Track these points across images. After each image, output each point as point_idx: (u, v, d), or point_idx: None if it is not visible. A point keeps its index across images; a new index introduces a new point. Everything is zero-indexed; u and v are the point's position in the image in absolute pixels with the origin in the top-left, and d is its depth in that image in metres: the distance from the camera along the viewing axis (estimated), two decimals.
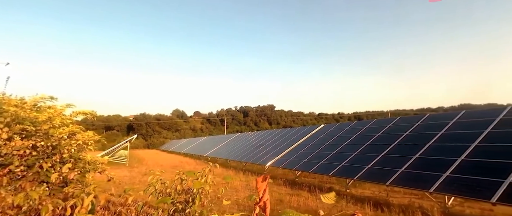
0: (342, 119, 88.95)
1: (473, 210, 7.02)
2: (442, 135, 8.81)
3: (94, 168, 3.55)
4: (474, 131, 8.09)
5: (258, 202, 1.08)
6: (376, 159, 9.32)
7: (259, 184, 1.08)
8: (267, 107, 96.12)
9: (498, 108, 8.90)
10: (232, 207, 7.58)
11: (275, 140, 18.44)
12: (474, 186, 6.08)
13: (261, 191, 1.08)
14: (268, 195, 1.08)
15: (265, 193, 1.08)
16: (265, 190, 1.09)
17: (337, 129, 14.76)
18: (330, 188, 10.10)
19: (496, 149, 6.96)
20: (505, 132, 7.43)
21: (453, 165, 7.05)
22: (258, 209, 1.05)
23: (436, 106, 78.68)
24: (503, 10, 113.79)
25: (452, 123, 9.16)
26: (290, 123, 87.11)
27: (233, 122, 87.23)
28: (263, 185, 1.08)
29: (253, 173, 14.77)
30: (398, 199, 8.48)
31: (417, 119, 10.88)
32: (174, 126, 78.57)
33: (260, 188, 1.07)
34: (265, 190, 1.09)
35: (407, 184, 7.46)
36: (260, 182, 1.09)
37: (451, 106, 75.61)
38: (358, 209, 7.25)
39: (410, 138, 9.72)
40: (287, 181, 11.87)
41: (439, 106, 77.96)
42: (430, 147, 8.48)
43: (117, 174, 15.67)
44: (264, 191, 1.08)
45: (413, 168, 7.86)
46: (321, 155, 12.00)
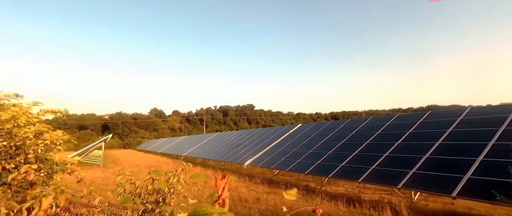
0: (320, 118, 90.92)
1: (436, 204, 7.49)
2: (410, 134, 9.31)
3: (62, 169, 3.45)
4: (438, 130, 8.62)
5: (217, 200, 1.13)
6: (349, 157, 9.68)
7: (218, 182, 1.14)
8: (247, 107, 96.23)
9: (460, 108, 9.53)
10: None
11: (253, 139, 18.56)
12: (437, 182, 6.49)
13: (220, 189, 1.13)
14: (227, 192, 1.14)
15: (224, 190, 1.14)
16: (224, 187, 1.15)
17: (314, 128, 15.13)
18: (306, 186, 10.35)
19: (457, 146, 7.47)
20: (465, 131, 7.99)
21: (419, 162, 7.49)
22: (217, 206, 1.10)
23: (406, 107, 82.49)
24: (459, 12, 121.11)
25: (419, 123, 9.70)
26: (269, 122, 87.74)
27: (212, 121, 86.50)
28: (222, 183, 1.14)
29: (231, 172, 14.78)
30: (369, 195, 8.86)
31: (388, 119, 11.41)
32: (152, 125, 76.63)
33: (219, 185, 1.13)
34: (224, 188, 1.15)
35: (378, 180, 7.81)
36: (220, 180, 1.15)
37: (420, 107, 79.60)
38: (332, 206, 7.51)
39: (381, 137, 10.18)
40: (265, 179, 12.01)
41: (409, 107, 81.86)
42: (399, 146, 8.94)
43: (90, 174, 15.11)
44: (223, 189, 1.14)
45: (383, 165, 8.26)
46: (298, 153, 12.26)
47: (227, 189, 1.16)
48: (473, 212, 6.71)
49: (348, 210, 7.05)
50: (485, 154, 6.58)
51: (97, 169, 18.13)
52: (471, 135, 7.67)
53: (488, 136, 7.16)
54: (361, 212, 6.87)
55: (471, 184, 5.88)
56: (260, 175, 13.48)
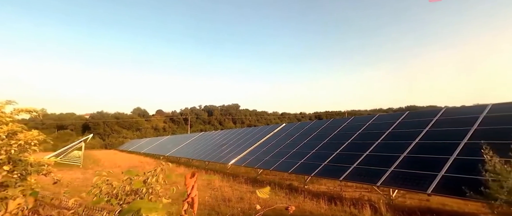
0: (304, 118, 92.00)
1: (413, 201, 7.79)
2: (389, 133, 9.61)
3: (37, 170, 3.34)
4: (415, 130, 8.96)
5: (186, 198, 1.15)
6: (331, 156, 9.88)
7: (187, 180, 1.16)
8: (232, 106, 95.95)
9: (436, 109, 9.94)
10: None
11: (238, 139, 18.56)
12: (414, 179, 6.75)
13: (190, 188, 1.15)
14: (196, 191, 1.16)
15: (193, 189, 1.16)
16: (193, 186, 1.16)
17: (297, 128, 15.32)
18: (290, 185, 10.47)
19: (432, 145, 7.79)
20: (441, 130, 8.35)
21: (397, 161, 7.76)
22: (186, 205, 1.12)
23: (386, 107, 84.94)
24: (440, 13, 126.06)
25: (398, 123, 10.04)
26: (254, 122, 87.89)
27: (197, 120, 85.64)
28: (191, 182, 1.16)
29: (215, 172, 14.74)
30: (350, 193, 9.08)
31: (368, 119, 11.73)
32: (134, 125, 74.96)
33: (188, 184, 1.15)
34: (194, 187, 1.17)
35: (358, 179, 8.02)
36: (189, 179, 1.17)
37: (399, 107, 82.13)
38: (314, 204, 7.64)
39: (362, 136, 10.46)
40: (249, 179, 12.05)
41: (389, 107, 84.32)
42: (378, 145, 9.21)
43: (69, 176, 14.63)
44: (193, 188, 1.16)
45: (364, 164, 8.49)
46: (281, 153, 12.38)
47: (196, 187, 1.18)
48: (447, 208, 7.02)
49: (329, 208, 7.21)
50: (458, 152, 6.90)
51: (77, 170, 17.57)
52: (446, 134, 8.02)
53: (461, 135, 7.52)
54: (342, 209, 7.04)
55: (445, 181, 6.16)
56: (244, 174, 13.51)
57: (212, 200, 8.32)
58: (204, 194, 9.23)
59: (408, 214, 6.19)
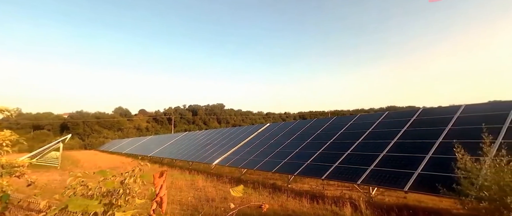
0: (288, 118, 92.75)
1: (391, 198, 8.06)
2: (370, 133, 9.89)
3: (9, 172, 3.21)
4: (394, 129, 9.26)
5: (155, 198, 1.15)
6: (314, 155, 10.04)
7: (156, 180, 1.16)
8: (217, 106, 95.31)
9: (414, 109, 10.32)
10: (174, 208, 7.45)
11: (222, 139, 18.49)
12: (392, 177, 6.97)
13: (158, 187, 1.16)
14: (165, 190, 1.17)
15: (162, 188, 1.16)
16: (162, 185, 1.17)
17: (282, 127, 15.45)
18: (273, 184, 10.56)
19: (410, 144, 8.09)
20: (417, 130, 8.68)
21: (377, 159, 7.99)
22: (155, 204, 1.12)
23: (368, 107, 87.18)
24: None
25: (378, 122, 10.34)
26: (239, 122, 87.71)
27: (181, 120, 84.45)
28: (160, 181, 1.17)
29: (199, 172, 14.62)
30: (332, 191, 9.27)
31: (350, 118, 12.01)
32: (116, 125, 72.95)
33: (157, 184, 1.16)
34: (162, 186, 1.17)
35: (340, 177, 8.19)
36: (157, 178, 1.17)
37: (380, 108, 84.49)
38: (297, 202, 7.74)
39: (344, 135, 10.69)
40: (233, 178, 12.05)
41: (371, 107, 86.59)
42: (359, 144, 9.45)
43: (46, 178, 14.09)
44: (161, 187, 1.16)
45: (345, 162, 8.68)
46: (265, 152, 12.45)
47: (165, 187, 1.18)
48: (422, 204, 7.31)
49: (311, 206, 7.33)
50: (433, 151, 7.20)
51: (54, 171, 16.93)
52: (422, 134, 8.33)
53: (437, 134, 7.84)
54: (324, 207, 7.18)
55: (420, 178, 6.41)
56: (228, 174, 13.48)
57: (196, 201, 8.26)
58: (187, 195, 9.14)
59: (387, 211, 6.39)
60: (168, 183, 11.42)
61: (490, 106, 8.19)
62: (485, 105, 8.48)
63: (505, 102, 7.96)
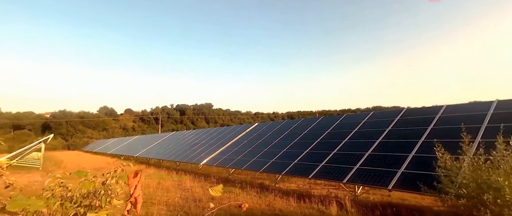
0: (277, 118, 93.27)
1: (376, 196, 8.23)
2: (356, 132, 10.06)
3: None
4: (379, 129, 9.46)
5: (129, 198, 1.14)
6: (302, 155, 10.13)
7: (130, 180, 1.14)
8: (205, 106, 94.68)
9: (398, 109, 10.57)
10: (160, 209, 7.36)
11: (210, 139, 18.38)
12: (376, 176, 7.12)
13: (132, 187, 1.14)
14: (140, 191, 1.15)
15: (136, 189, 1.14)
16: (136, 186, 1.15)
17: (270, 127, 15.50)
18: (261, 184, 10.58)
19: (394, 143, 8.28)
20: (401, 129, 8.90)
21: (362, 159, 8.14)
22: (129, 205, 1.10)
23: (355, 107, 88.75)
24: None
25: (363, 122, 10.54)
26: (227, 122, 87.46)
27: (169, 120, 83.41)
28: (134, 181, 1.15)
29: (186, 172, 14.47)
30: (319, 190, 9.38)
31: (337, 118, 12.19)
32: (101, 125, 71.33)
33: (131, 184, 1.14)
34: (137, 186, 1.15)
35: (326, 176, 8.29)
36: (132, 178, 1.15)
37: (366, 108, 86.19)
38: (284, 202, 7.79)
39: (330, 135, 10.84)
40: (221, 178, 12.00)
41: (357, 107, 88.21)
42: (346, 143, 9.60)
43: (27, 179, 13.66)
44: (136, 187, 1.15)
45: (332, 162, 8.80)
46: (253, 152, 12.46)
47: (140, 187, 1.17)
48: (406, 202, 7.50)
49: (298, 205, 7.39)
50: (416, 150, 7.40)
51: (36, 173, 16.37)
52: (406, 133, 8.55)
53: (419, 134, 8.06)
54: (310, 206, 7.25)
55: (404, 177, 6.58)
56: (216, 174, 13.42)
57: (183, 201, 8.18)
58: (174, 195, 9.04)
59: (371, 209, 6.52)
60: (155, 184, 11.28)
61: (470, 107, 8.49)
62: (466, 105, 8.78)
63: (484, 103, 8.27)
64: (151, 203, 8.05)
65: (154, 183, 11.13)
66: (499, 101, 8.00)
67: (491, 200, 3.54)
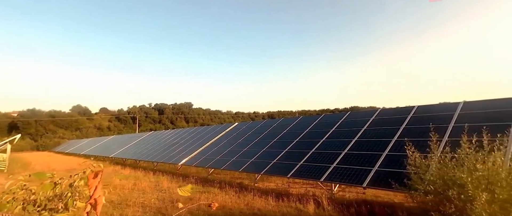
0: (257, 117, 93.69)
1: (351, 194, 8.48)
2: (333, 132, 10.30)
3: None
4: (355, 128, 9.75)
5: (89, 200, 1.10)
6: (281, 154, 10.23)
7: (90, 181, 1.10)
8: (185, 105, 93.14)
9: (374, 109, 10.95)
10: (136, 211, 7.16)
11: (190, 138, 18.12)
12: (352, 174, 7.33)
13: (92, 188, 1.10)
14: (100, 192, 1.11)
15: (96, 190, 1.11)
16: (97, 187, 1.12)
17: (250, 127, 15.52)
18: (240, 183, 10.57)
19: (369, 142, 8.56)
20: (376, 129, 9.21)
21: (339, 157, 8.35)
22: (89, 206, 1.06)
23: (333, 107, 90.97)
24: None
25: (340, 122, 10.82)
26: (208, 121, 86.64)
27: (146, 119, 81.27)
28: (94, 182, 1.11)
29: (164, 173, 14.17)
30: (297, 189, 9.51)
31: (316, 118, 12.42)
32: (74, 124, 68.31)
33: (91, 185, 1.10)
34: (97, 187, 1.12)
35: (305, 175, 8.42)
36: (91, 179, 1.12)
37: (344, 108, 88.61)
38: (263, 201, 7.82)
39: (309, 134, 11.02)
40: (200, 179, 11.86)
41: (336, 107, 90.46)
42: (324, 142, 9.81)
43: None
44: (96, 188, 1.11)
45: (310, 161, 8.95)
46: (233, 152, 12.42)
47: (100, 188, 1.13)
48: (379, 199, 7.79)
49: (277, 204, 7.46)
50: (389, 148, 7.70)
51: (0, 175, 15.36)
52: (380, 133, 8.87)
53: (393, 133, 8.39)
54: (289, 205, 7.34)
55: (377, 175, 6.81)
56: (195, 174, 13.25)
57: (159, 202, 8.00)
58: (151, 197, 8.82)
59: (346, 207, 6.70)
60: (130, 185, 10.94)
61: (439, 107, 8.95)
62: (435, 106, 9.24)
63: (452, 104, 8.74)
64: (126, 204, 7.81)
65: (129, 184, 10.81)
66: (465, 103, 8.49)
67: (455, 195, 3.75)
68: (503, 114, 7.20)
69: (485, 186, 3.66)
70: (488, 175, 3.68)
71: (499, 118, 7.07)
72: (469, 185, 3.63)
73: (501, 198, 3.50)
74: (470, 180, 3.68)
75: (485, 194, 3.53)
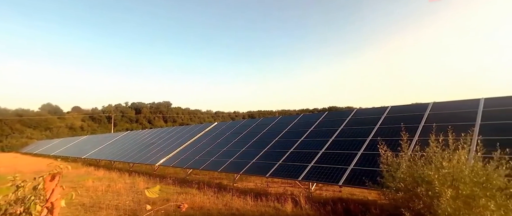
0: (238, 117, 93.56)
1: (328, 192, 8.68)
2: (312, 131, 10.49)
3: None
4: (333, 128, 9.98)
5: (45, 203, 1.05)
6: (260, 154, 10.26)
7: (47, 184, 1.06)
8: (163, 104, 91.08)
9: (350, 109, 11.26)
10: (109, 213, 6.91)
11: (168, 138, 17.75)
12: (329, 173, 7.50)
13: (49, 192, 1.05)
14: (58, 195, 1.07)
15: (53, 193, 1.06)
16: (53, 190, 1.07)
17: (229, 126, 15.45)
18: (219, 183, 10.50)
19: (345, 142, 8.79)
20: (352, 128, 9.48)
21: (317, 156, 8.51)
22: (45, 210, 1.02)
23: (312, 107, 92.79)
24: None
25: (319, 122, 11.03)
26: (187, 121, 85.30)
27: (122, 119, 78.63)
28: (51, 185, 1.06)
29: (140, 174, 13.78)
30: (275, 188, 9.59)
31: (295, 118, 12.59)
32: (43, 124, 64.78)
33: (48, 188, 1.05)
34: (54, 190, 1.07)
35: (283, 175, 8.50)
36: (48, 182, 1.07)
37: (323, 108, 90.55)
38: (241, 201, 7.81)
39: (288, 134, 11.15)
40: (177, 179, 11.65)
41: (315, 107, 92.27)
42: (302, 142, 9.95)
43: None
44: (53, 191, 1.06)
45: (288, 160, 9.06)
46: (212, 152, 12.31)
47: (58, 191, 1.08)
48: (354, 197, 8.03)
49: (255, 204, 7.48)
50: (364, 148, 7.95)
51: None
52: (356, 132, 9.14)
53: (367, 133, 8.68)
54: (267, 204, 7.38)
55: (353, 173, 7.02)
56: (172, 175, 13.00)
57: (134, 204, 7.78)
58: (126, 199, 8.56)
59: (323, 205, 6.85)
60: (104, 187, 10.53)
61: (411, 108, 9.37)
62: (408, 106, 9.66)
63: (422, 105, 9.18)
64: (99, 207, 7.52)
65: (103, 186, 10.41)
66: (435, 103, 8.95)
67: (423, 192, 3.94)
68: (468, 114, 7.66)
69: (450, 182, 3.87)
70: (453, 172, 3.90)
71: (464, 118, 7.53)
72: (436, 182, 3.82)
73: (464, 193, 3.72)
74: (437, 177, 3.87)
75: (450, 190, 3.73)
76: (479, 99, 8.07)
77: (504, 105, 7.44)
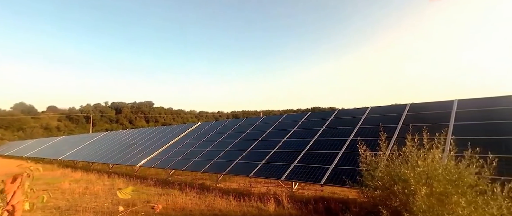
0: (222, 117, 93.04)
1: (310, 192, 8.80)
2: (294, 132, 10.59)
3: None
4: (315, 128, 10.12)
5: (5, 206, 1.01)
6: (243, 154, 10.25)
7: (7, 186, 1.01)
8: (145, 104, 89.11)
9: (332, 110, 11.48)
10: None
11: (150, 139, 17.37)
12: (311, 173, 7.60)
13: (10, 194, 1.01)
14: (20, 197, 1.03)
15: (14, 196, 1.02)
16: (15, 192, 1.03)
17: (213, 126, 15.34)
18: (202, 184, 10.40)
19: (327, 142, 8.95)
20: (334, 128, 9.67)
21: (299, 156, 8.61)
22: (6, 214, 0.98)
23: (296, 108, 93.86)
24: None
25: (302, 122, 11.16)
26: (170, 121, 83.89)
27: (102, 119, 76.24)
28: (12, 187, 1.02)
29: (120, 175, 13.41)
30: (259, 188, 9.62)
31: (278, 118, 12.68)
32: (16, 124, 61.73)
33: (8, 190, 1.01)
34: (16, 193, 1.03)
35: (266, 174, 8.54)
36: (9, 184, 1.03)
37: (306, 108, 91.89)
38: (224, 201, 7.77)
39: (272, 134, 11.20)
40: (159, 180, 11.42)
41: (298, 108, 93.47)
42: (285, 142, 10.03)
43: None
44: (14, 194, 1.02)
45: (271, 160, 9.10)
46: (195, 152, 12.17)
47: (20, 194, 1.04)
48: (336, 196, 8.19)
49: (238, 204, 7.46)
50: (345, 147, 8.13)
51: None
52: (338, 132, 9.32)
53: (349, 132, 8.87)
54: (250, 204, 7.39)
55: (334, 173, 7.15)
56: (154, 176, 12.74)
57: (113, 206, 7.55)
58: (104, 201, 8.30)
59: (305, 204, 6.93)
60: (81, 189, 10.16)
61: (390, 108, 9.67)
62: (387, 107, 9.95)
63: (400, 105, 9.50)
64: (76, 210, 7.26)
65: (81, 188, 10.06)
66: (412, 104, 9.27)
67: (400, 190, 4.08)
68: (443, 114, 8.00)
69: (425, 180, 4.02)
70: (427, 170, 4.06)
71: (439, 118, 7.85)
72: (412, 180, 3.96)
73: (438, 191, 3.88)
74: (412, 176, 4.02)
75: (425, 188, 3.88)
76: (453, 101, 8.45)
77: (476, 107, 7.83)
